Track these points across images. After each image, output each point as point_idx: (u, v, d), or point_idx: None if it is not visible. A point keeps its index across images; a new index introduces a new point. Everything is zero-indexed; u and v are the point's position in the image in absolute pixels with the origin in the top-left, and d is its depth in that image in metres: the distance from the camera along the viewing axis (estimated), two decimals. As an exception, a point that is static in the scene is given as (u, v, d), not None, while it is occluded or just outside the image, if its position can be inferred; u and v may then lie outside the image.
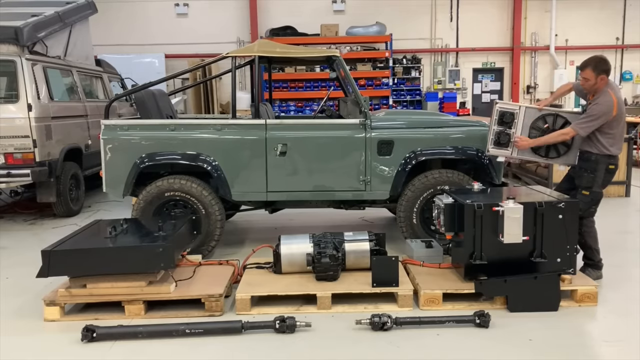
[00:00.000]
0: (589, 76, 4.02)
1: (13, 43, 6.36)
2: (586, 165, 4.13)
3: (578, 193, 4.12)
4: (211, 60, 5.42)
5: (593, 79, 4.01)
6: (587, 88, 4.11)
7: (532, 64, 15.55)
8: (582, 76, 4.07)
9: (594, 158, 4.08)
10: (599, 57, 4.07)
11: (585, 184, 4.10)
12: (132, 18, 14.68)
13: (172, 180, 4.66)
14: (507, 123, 4.41)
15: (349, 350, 3.19)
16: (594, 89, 4.06)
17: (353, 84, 4.86)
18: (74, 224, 6.37)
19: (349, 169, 4.74)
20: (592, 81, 4.02)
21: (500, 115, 4.42)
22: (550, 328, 3.41)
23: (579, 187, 4.15)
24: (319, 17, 14.59)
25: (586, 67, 4.02)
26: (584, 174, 4.12)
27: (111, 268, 3.59)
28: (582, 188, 4.11)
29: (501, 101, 4.50)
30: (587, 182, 4.09)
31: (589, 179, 4.09)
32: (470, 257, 3.68)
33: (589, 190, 4.08)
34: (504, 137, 4.42)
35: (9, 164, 6.10)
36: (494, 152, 4.50)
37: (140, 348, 3.24)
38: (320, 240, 3.98)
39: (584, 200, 4.03)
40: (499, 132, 4.44)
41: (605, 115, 3.94)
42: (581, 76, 4.10)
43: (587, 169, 4.12)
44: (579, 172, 4.19)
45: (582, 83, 4.11)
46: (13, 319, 3.73)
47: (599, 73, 3.98)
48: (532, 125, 4.38)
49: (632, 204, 7.16)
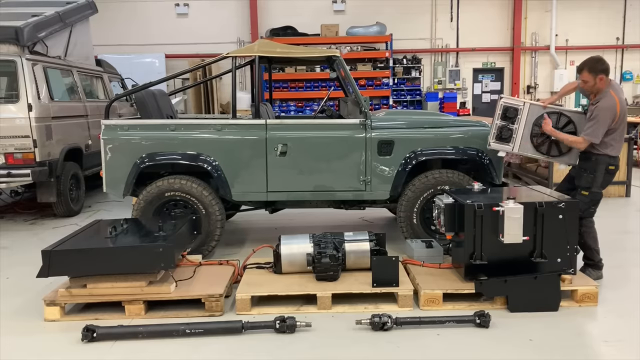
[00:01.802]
0: (587, 78, 4.03)
1: (13, 43, 6.37)
2: (586, 166, 4.13)
3: (577, 193, 4.12)
4: (211, 60, 5.42)
5: (591, 80, 4.01)
6: (587, 89, 4.11)
7: (532, 64, 15.55)
8: (581, 79, 4.09)
9: (594, 158, 4.08)
10: (594, 58, 4.07)
11: (585, 184, 4.09)
12: (132, 18, 14.70)
13: (173, 180, 4.66)
14: (511, 118, 4.40)
15: (349, 350, 3.19)
16: (595, 89, 4.06)
17: (353, 84, 4.86)
18: (74, 224, 6.37)
19: (349, 169, 4.74)
20: (591, 82, 4.02)
21: (504, 110, 4.40)
22: (550, 328, 3.41)
23: (578, 187, 4.15)
24: (319, 17, 14.60)
25: (582, 69, 4.04)
26: (584, 174, 4.12)
27: (111, 268, 3.59)
28: (581, 188, 4.11)
29: (506, 96, 4.49)
30: (586, 182, 4.09)
31: (588, 179, 4.09)
32: (471, 257, 3.68)
33: (588, 191, 4.07)
34: (506, 132, 4.41)
35: (9, 164, 6.10)
36: (495, 146, 4.49)
37: (140, 348, 3.24)
38: (320, 240, 3.98)
39: (583, 201, 4.03)
40: (501, 127, 4.42)
41: (610, 118, 3.94)
42: (580, 79, 4.12)
43: (586, 169, 4.11)
44: (578, 172, 4.19)
45: (582, 85, 4.12)
46: (13, 319, 3.73)
47: (596, 74, 3.98)
48: (535, 122, 4.37)
49: (632, 204, 7.16)
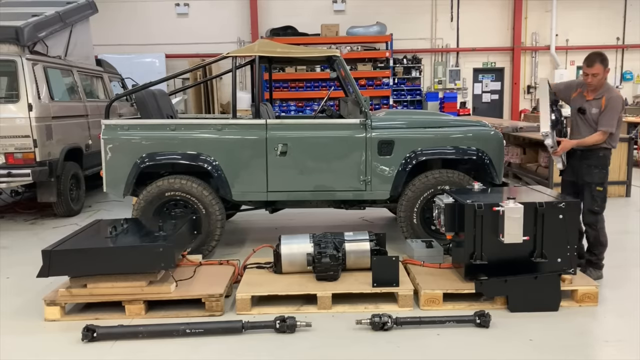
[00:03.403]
0: (598, 71, 4.01)
1: (14, 43, 6.37)
2: (595, 162, 4.13)
3: (591, 191, 4.11)
4: (212, 60, 5.42)
5: (602, 72, 4.01)
6: (594, 84, 4.07)
7: (532, 64, 15.55)
8: (591, 72, 4.02)
9: (602, 154, 4.11)
10: (600, 52, 4.10)
11: (598, 180, 4.11)
12: (132, 18, 14.69)
13: (173, 180, 4.66)
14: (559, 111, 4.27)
15: (349, 350, 3.19)
16: (601, 83, 4.07)
17: (353, 84, 4.86)
18: (74, 224, 6.37)
19: (350, 168, 4.74)
20: (601, 75, 4.02)
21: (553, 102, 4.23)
22: (550, 328, 3.41)
23: (591, 184, 4.12)
24: (320, 17, 14.60)
25: (594, 62, 4.00)
26: (594, 171, 4.12)
27: (112, 268, 3.59)
28: (595, 184, 4.11)
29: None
30: (599, 178, 4.11)
31: (601, 175, 4.11)
32: (471, 257, 3.68)
33: (602, 186, 4.11)
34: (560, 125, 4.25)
35: (10, 163, 6.10)
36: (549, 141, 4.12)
37: (140, 348, 3.24)
38: (320, 240, 3.98)
39: (600, 197, 4.08)
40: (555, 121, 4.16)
41: (621, 105, 4.04)
42: (589, 72, 4.03)
43: (596, 165, 4.12)
44: (587, 171, 4.14)
45: (590, 80, 4.05)
46: (13, 318, 3.73)
47: (606, 66, 4.02)
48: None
49: (632, 204, 7.16)
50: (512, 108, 15.59)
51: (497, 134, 4.88)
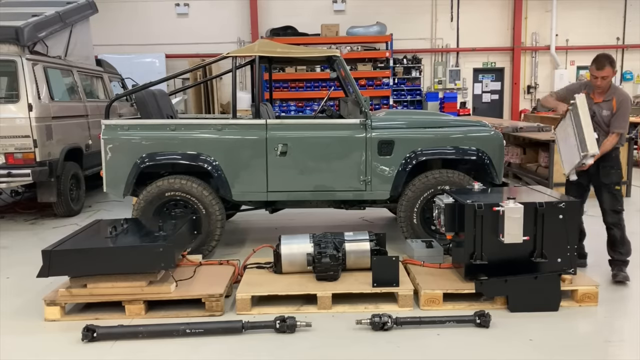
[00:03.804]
0: (608, 73, 4.01)
1: (14, 43, 6.36)
2: (612, 163, 4.16)
3: (611, 191, 4.14)
4: (212, 60, 5.42)
5: (611, 74, 4.02)
6: (603, 87, 4.08)
7: (532, 64, 15.55)
8: (601, 75, 4.00)
9: (615, 154, 4.16)
10: (608, 54, 4.11)
11: (616, 179, 4.15)
12: (132, 18, 14.69)
13: (173, 180, 4.66)
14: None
15: (349, 350, 3.19)
16: (608, 85, 4.08)
17: (353, 84, 4.86)
18: (74, 224, 6.37)
19: (350, 169, 4.74)
20: (610, 76, 4.03)
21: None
22: (550, 328, 3.41)
23: (609, 185, 4.15)
24: (320, 17, 14.60)
25: (604, 65, 3.98)
26: (611, 171, 4.15)
27: (112, 268, 3.59)
28: (613, 184, 4.15)
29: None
30: (617, 177, 4.15)
31: (617, 174, 4.16)
32: (471, 257, 3.67)
33: (619, 185, 4.15)
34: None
35: (10, 163, 6.10)
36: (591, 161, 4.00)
37: (140, 348, 3.24)
38: (320, 240, 3.98)
39: (619, 196, 4.12)
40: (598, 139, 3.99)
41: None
42: (598, 75, 4.01)
43: (613, 165, 4.16)
44: (604, 172, 4.15)
45: (600, 83, 4.04)
46: (13, 318, 3.73)
47: (614, 68, 4.02)
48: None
49: (633, 204, 7.15)
50: (512, 108, 15.60)
51: (497, 134, 4.88)
